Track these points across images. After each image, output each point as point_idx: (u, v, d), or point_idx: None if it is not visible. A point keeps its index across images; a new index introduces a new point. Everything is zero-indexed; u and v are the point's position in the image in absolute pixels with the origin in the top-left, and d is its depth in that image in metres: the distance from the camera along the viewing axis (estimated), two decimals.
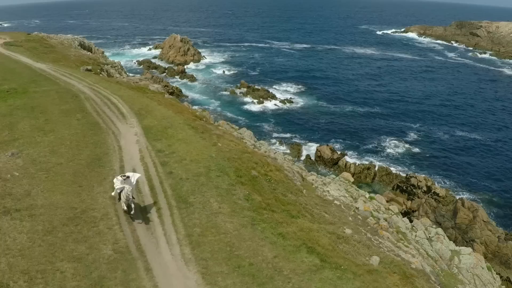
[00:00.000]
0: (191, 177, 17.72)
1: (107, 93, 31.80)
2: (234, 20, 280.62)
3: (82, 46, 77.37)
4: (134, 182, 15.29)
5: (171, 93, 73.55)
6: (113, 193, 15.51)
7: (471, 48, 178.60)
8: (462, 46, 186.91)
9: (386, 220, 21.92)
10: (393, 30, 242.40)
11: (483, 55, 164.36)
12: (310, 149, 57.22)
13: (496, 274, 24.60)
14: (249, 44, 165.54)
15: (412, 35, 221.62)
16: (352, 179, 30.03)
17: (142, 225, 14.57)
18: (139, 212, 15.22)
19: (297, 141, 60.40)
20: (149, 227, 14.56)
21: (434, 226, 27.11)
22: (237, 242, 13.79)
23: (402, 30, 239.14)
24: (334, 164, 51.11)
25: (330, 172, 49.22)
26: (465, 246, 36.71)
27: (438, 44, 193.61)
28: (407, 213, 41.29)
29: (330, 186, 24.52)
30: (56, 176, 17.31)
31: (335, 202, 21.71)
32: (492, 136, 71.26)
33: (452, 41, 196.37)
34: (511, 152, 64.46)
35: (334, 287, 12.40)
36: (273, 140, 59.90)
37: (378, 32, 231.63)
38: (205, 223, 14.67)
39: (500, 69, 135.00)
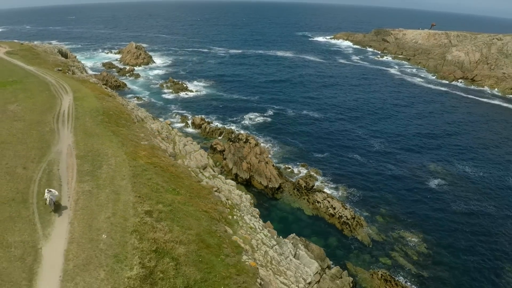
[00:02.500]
0: (83, 111, 42.07)
1: (63, 82, 54.82)
2: (193, 29, 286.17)
3: (60, 52, 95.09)
4: (56, 194, 21.48)
5: (118, 86, 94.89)
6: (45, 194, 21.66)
7: (379, 52, 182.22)
8: (373, 50, 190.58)
9: (167, 136, 46.90)
10: (324, 36, 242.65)
11: (384, 58, 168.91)
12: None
13: (215, 165, 49.42)
14: (193, 49, 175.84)
15: (335, 41, 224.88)
16: (169, 123, 55.13)
17: (62, 124, 38.77)
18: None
19: (187, 115, 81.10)
20: (63, 125, 38.75)
21: (205, 151, 51.76)
22: (88, 128, 38.23)
23: (332, 36, 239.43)
24: (199, 128, 73.42)
25: (195, 132, 73.22)
26: (239, 164, 62.21)
27: (353, 48, 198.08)
28: (223, 151, 66.26)
29: (154, 124, 49.40)
30: (33, 112, 41.12)
31: (149, 128, 46.49)
32: (332, 117, 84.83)
33: (367, 46, 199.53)
34: (332, 134, 75.07)
35: (110, 140, 36.96)
36: (171, 113, 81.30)
37: (311, 39, 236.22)
38: (81, 124, 39.06)
39: (389, 69, 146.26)
